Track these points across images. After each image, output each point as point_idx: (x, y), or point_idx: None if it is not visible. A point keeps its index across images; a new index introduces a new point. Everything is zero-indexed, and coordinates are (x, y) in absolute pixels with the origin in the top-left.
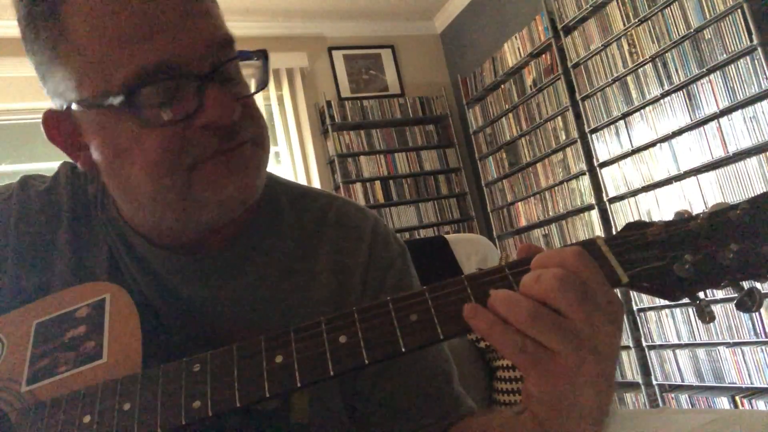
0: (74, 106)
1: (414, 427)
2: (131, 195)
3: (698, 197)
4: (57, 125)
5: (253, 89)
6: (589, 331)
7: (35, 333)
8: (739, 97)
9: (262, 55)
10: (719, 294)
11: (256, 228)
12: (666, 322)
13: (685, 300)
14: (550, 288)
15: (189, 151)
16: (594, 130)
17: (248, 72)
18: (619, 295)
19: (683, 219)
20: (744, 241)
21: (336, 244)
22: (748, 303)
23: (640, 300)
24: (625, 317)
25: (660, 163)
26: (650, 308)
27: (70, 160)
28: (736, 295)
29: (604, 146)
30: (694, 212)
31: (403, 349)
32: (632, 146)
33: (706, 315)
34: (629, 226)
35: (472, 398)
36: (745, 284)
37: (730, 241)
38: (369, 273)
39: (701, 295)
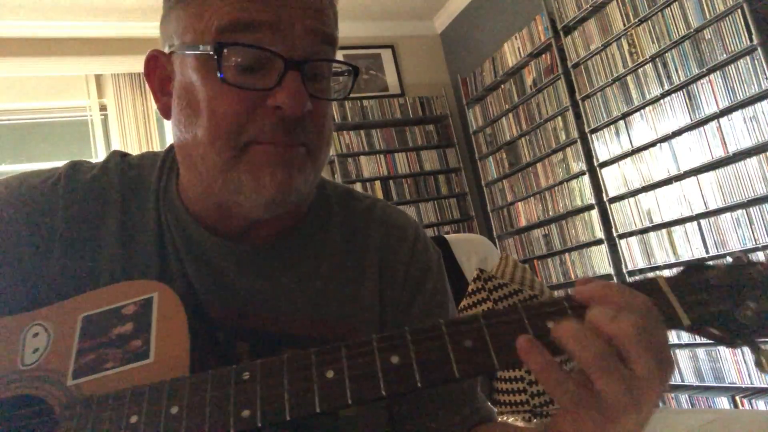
0: (175, 51)
1: (440, 425)
2: (189, 150)
3: (698, 197)
4: (155, 66)
5: (332, 90)
6: (645, 385)
7: (82, 326)
8: (739, 97)
9: (354, 71)
10: None
11: (309, 223)
12: None
13: (745, 347)
14: (626, 333)
15: (251, 125)
16: (594, 130)
17: (335, 81)
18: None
19: (744, 264)
20: None
21: (381, 242)
22: None
23: None
24: None
25: (660, 163)
26: None
27: (76, 159)
28: None
29: (604, 146)
30: (754, 258)
31: (458, 375)
32: (632, 146)
33: (765, 365)
34: (690, 269)
35: None
36: None
37: None
38: (409, 273)
39: (762, 345)
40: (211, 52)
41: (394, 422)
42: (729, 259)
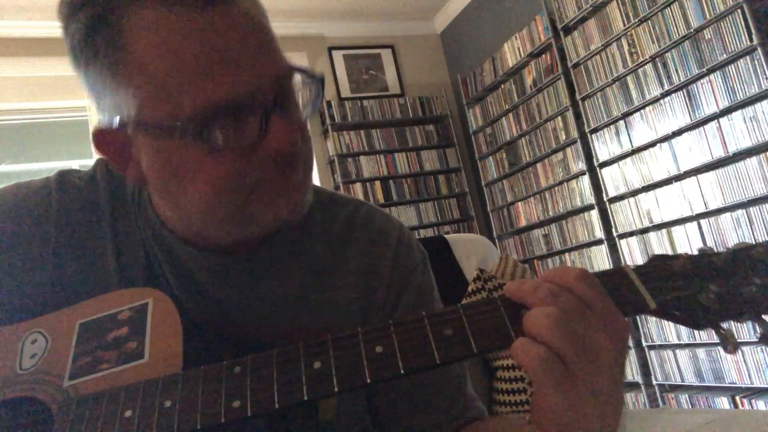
0: (132, 125)
1: (426, 425)
2: (181, 210)
3: (698, 197)
4: (108, 140)
5: (304, 109)
6: (596, 350)
7: (79, 332)
8: (739, 97)
9: (319, 80)
10: None
11: (287, 231)
12: (666, 322)
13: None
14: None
15: (251, 175)
16: (594, 130)
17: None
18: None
19: (707, 254)
20: (767, 276)
21: (363, 248)
22: None
23: None
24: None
25: (660, 163)
26: None
27: (74, 160)
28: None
29: (604, 146)
30: (717, 249)
31: (438, 361)
32: (632, 146)
33: (729, 344)
34: (655, 258)
35: None
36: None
37: (753, 275)
38: (393, 277)
39: (724, 325)
40: (196, 135)
41: (380, 425)
42: (696, 252)
